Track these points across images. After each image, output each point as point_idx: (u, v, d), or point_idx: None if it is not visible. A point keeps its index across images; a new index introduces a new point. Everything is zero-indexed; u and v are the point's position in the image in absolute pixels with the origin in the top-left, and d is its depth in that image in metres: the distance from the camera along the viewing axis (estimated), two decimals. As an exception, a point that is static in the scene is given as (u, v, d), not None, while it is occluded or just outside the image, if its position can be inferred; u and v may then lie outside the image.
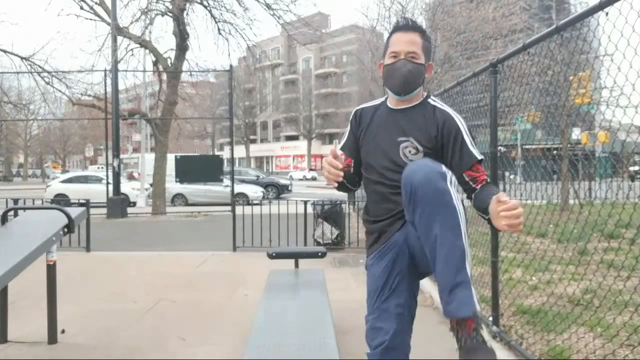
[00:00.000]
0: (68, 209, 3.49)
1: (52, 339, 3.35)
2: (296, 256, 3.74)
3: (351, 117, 1.97)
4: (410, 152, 1.75)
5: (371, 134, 1.86)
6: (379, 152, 1.81)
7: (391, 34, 1.82)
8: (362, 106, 1.97)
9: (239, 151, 47.68)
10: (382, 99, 1.94)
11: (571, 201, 9.42)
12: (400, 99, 1.81)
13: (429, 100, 1.83)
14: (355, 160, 1.95)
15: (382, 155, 1.80)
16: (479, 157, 1.74)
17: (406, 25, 1.77)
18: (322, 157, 55.78)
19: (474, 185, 1.72)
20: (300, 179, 42.68)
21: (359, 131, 1.91)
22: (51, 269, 3.35)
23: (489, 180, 1.75)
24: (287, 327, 2.28)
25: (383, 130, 1.83)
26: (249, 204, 11.37)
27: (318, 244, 6.95)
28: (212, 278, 5.43)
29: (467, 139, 1.75)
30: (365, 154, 1.88)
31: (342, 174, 1.69)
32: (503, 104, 3.46)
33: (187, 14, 12.51)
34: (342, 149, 1.94)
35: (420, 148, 1.74)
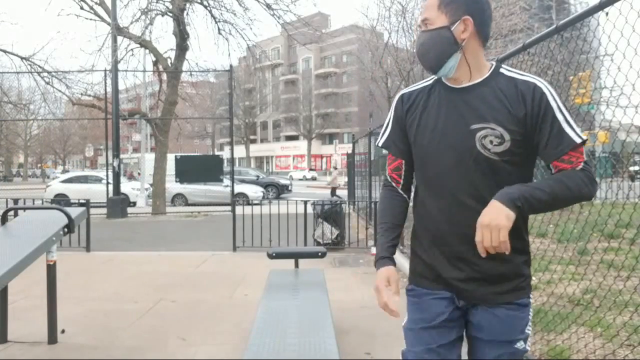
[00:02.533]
0: (68, 209, 3.49)
1: (52, 338, 3.35)
2: (296, 256, 3.74)
3: (395, 102, 1.52)
4: (492, 142, 1.30)
5: (429, 121, 1.40)
6: (443, 146, 1.36)
7: None
8: (409, 89, 1.52)
9: (239, 151, 47.73)
10: (430, 78, 1.49)
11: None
12: (455, 76, 1.38)
13: (502, 70, 1.37)
14: (407, 161, 1.50)
15: (448, 149, 1.35)
16: (578, 139, 1.28)
17: None
18: (322, 157, 55.97)
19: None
20: (300, 179, 42.68)
21: (408, 120, 1.46)
22: (51, 269, 3.35)
23: (584, 166, 1.29)
24: (287, 327, 2.28)
25: (446, 115, 1.37)
26: (249, 204, 11.37)
27: (318, 244, 6.95)
28: (212, 278, 5.43)
29: (561, 115, 1.29)
30: (420, 149, 1.43)
31: (389, 303, 1.38)
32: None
33: (187, 14, 12.53)
34: (384, 146, 1.54)
35: (506, 136, 1.29)
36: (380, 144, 1.57)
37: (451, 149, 1.35)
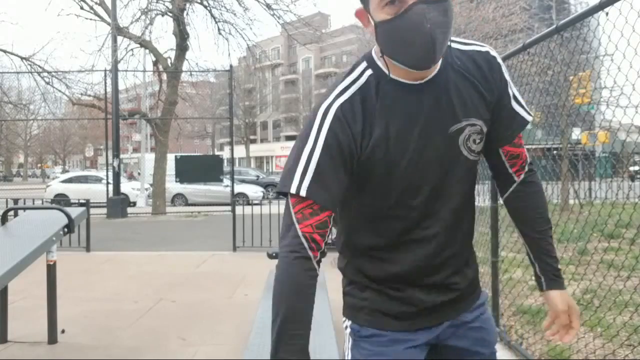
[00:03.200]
0: (68, 209, 3.49)
1: (52, 339, 3.35)
2: (296, 256, 3.73)
3: (331, 119, 1.00)
4: (475, 141, 1.05)
5: (400, 137, 1.01)
6: (425, 165, 1.03)
7: None
8: (342, 97, 1.02)
9: (239, 151, 47.71)
10: (360, 71, 1.05)
11: (571, 201, 9.43)
12: (422, 71, 0.99)
13: (453, 45, 1.06)
14: (335, 211, 1.03)
15: (431, 167, 1.03)
16: (529, 117, 1.10)
17: None
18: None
19: (513, 174, 1.13)
20: (300, 179, 42.62)
21: (362, 143, 1.01)
22: (51, 269, 3.35)
23: (531, 166, 1.16)
24: (287, 327, 2.28)
25: (421, 124, 1.01)
26: (249, 204, 11.37)
27: (318, 244, 6.94)
28: (212, 278, 5.43)
29: (511, 90, 1.09)
30: (388, 177, 1.03)
31: None
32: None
33: (187, 14, 12.55)
34: (311, 194, 0.97)
35: (484, 128, 1.06)
36: (304, 193, 0.97)
37: (436, 165, 1.03)
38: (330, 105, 1.01)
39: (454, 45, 1.06)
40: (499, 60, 1.09)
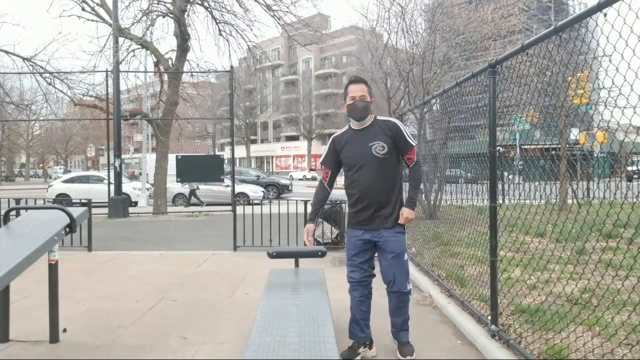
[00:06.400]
0: (70, 209, 3.52)
1: (54, 337, 3.38)
2: (296, 255, 3.76)
3: (329, 143, 3.15)
4: (379, 149, 2.94)
5: (349, 146, 3.04)
6: (357, 155, 2.99)
7: (347, 85, 3.04)
8: (335, 134, 3.17)
9: (240, 151, 47.75)
10: (346, 127, 3.13)
11: (569, 201, 9.44)
12: (360, 124, 3.02)
13: (378, 118, 3.07)
14: (332, 171, 3.17)
15: (360, 156, 2.98)
16: (414, 143, 3.02)
17: (356, 80, 3.06)
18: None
19: (408, 164, 3.05)
20: (301, 179, 42.70)
21: (339, 149, 3.08)
22: (53, 268, 3.37)
23: (415, 162, 3.04)
24: (287, 326, 2.30)
25: (357, 142, 3.01)
26: (249, 203, 11.39)
27: (318, 243, 6.96)
28: (212, 277, 5.45)
29: (405, 134, 2.99)
30: (346, 159, 3.06)
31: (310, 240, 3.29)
32: (502, 104, 3.49)
33: (188, 15, 12.55)
34: (323, 163, 3.18)
35: (385, 146, 2.94)
36: (321, 162, 3.39)
37: (361, 155, 2.99)
38: (333, 137, 3.21)
39: (381, 118, 3.09)
40: (397, 123, 3.03)
